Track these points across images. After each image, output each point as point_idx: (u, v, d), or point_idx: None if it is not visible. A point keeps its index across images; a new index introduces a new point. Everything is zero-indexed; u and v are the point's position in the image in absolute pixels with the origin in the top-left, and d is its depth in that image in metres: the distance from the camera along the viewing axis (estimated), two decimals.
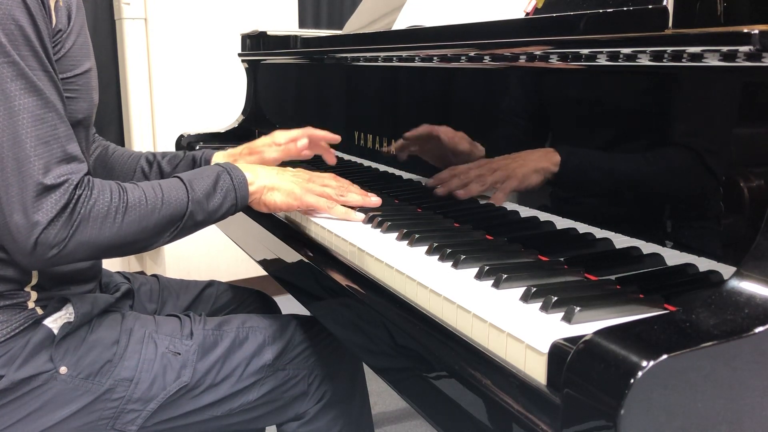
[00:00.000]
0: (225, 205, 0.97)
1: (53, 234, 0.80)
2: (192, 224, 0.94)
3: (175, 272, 2.57)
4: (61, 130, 0.83)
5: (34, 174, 0.79)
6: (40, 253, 0.81)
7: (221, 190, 0.96)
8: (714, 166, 0.67)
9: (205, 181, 0.95)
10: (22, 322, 0.91)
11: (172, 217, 0.91)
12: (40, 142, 0.80)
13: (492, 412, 0.60)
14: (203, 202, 0.94)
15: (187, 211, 0.92)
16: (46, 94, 0.82)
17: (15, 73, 0.79)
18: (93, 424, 0.93)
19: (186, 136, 1.78)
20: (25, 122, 0.79)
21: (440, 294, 0.71)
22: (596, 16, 0.75)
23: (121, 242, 0.86)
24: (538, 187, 0.90)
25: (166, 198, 0.90)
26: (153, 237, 0.90)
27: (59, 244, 0.81)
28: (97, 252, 0.86)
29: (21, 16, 0.79)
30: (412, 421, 1.97)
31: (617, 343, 0.49)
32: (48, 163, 0.80)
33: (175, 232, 0.92)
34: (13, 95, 0.79)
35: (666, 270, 0.72)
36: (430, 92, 1.15)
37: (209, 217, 0.96)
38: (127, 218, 0.86)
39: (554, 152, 0.87)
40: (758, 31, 0.57)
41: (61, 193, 0.81)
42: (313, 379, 1.09)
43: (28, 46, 0.80)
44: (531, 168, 0.90)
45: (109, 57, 2.65)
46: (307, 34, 1.76)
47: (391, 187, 1.20)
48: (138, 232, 0.88)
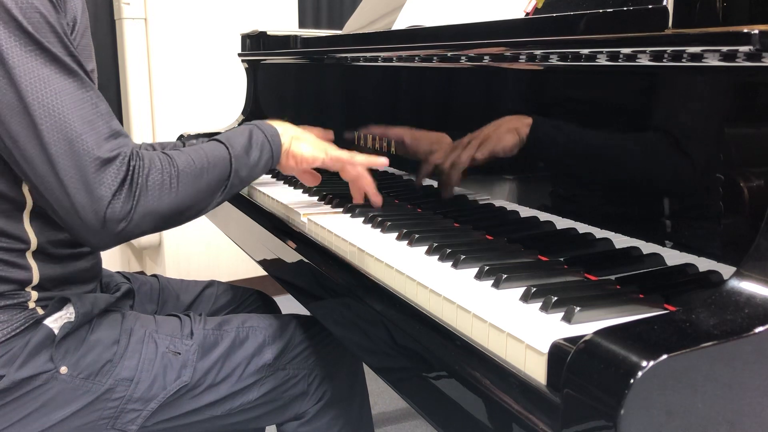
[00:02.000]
0: (263, 158, 1.00)
1: (119, 207, 0.82)
2: (238, 181, 0.97)
3: (175, 272, 2.57)
4: (102, 107, 0.84)
5: (89, 150, 0.80)
6: (110, 229, 0.82)
7: (257, 144, 1.00)
8: (714, 166, 0.67)
9: (241, 138, 0.99)
10: (23, 322, 0.91)
11: (220, 175, 0.94)
12: (85, 120, 0.81)
13: (492, 412, 0.60)
14: (244, 157, 0.97)
15: (232, 169, 0.95)
16: (81, 75, 0.83)
17: (48, 58, 0.80)
18: (93, 423, 0.93)
19: (186, 136, 1.78)
20: (68, 103, 0.80)
21: (440, 294, 0.71)
22: (596, 16, 0.75)
23: (180, 207, 0.88)
24: (516, 150, 0.91)
25: (211, 158, 0.93)
26: (207, 198, 0.93)
27: (126, 217, 0.82)
28: (160, 221, 0.87)
29: (42, 5, 0.80)
30: (412, 421, 1.97)
31: (617, 343, 0.49)
32: (98, 139, 0.81)
33: (225, 190, 0.95)
34: (51, 79, 0.80)
35: (666, 270, 0.72)
36: (430, 92, 1.15)
37: (251, 171, 0.99)
38: (181, 183, 0.88)
39: (526, 116, 0.89)
40: (758, 31, 0.57)
41: (118, 165, 0.82)
42: (313, 379, 1.09)
43: (53, 33, 0.81)
44: (504, 128, 0.92)
45: (109, 57, 2.65)
46: (307, 34, 1.76)
47: (391, 187, 1.20)
48: (193, 194, 0.90)
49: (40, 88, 0.79)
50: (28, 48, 0.79)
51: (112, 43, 2.65)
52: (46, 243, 0.92)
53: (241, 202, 1.33)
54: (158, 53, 2.54)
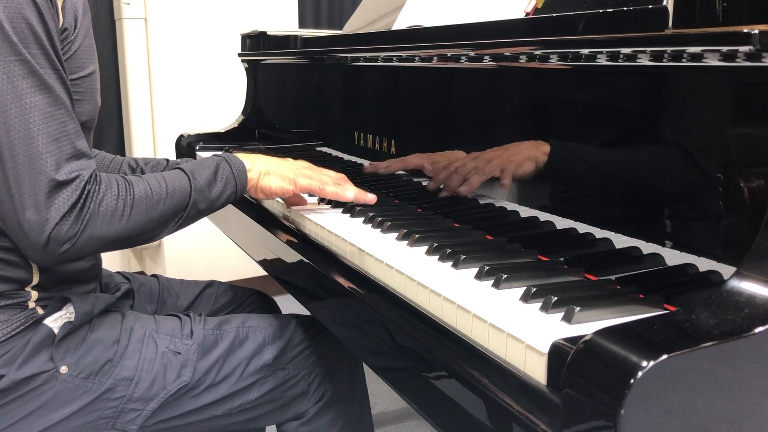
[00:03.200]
0: (226, 193, 0.99)
1: (65, 230, 0.81)
2: (195, 213, 0.96)
3: (175, 272, 2.57)
4: (70, 126, 0.84)
5: (46, 170, 0.80)
6: (52, 249, 0.82)
7: (221, 179, 0.99)
8: (714, 166, 0.67)
9: (206, 171, 0.98)
10: (23, 321, 0.91)
11: (176, 207, 0.93)
12: (51, 138, 0.81)
13: (492, 412, 0.60)
14: (205, 190, 0.96)
15: (190, 201, 0.94)
16: (56, 92, 0.83)
17: (26, 71, 0.80)
18: (93, 423, 0.93)
19: (186, 136, 1.78)
20: (36, 119, 0.80)
21: (440, 294, 0.71)
22: (596, 16, 0.75)
23: (129, 234, 0.88)
24: (531, 176, 0.91)
25: (170, 189, 0.92)
26: (159, 227, 0.92)
27: (71, 239, 0.82)
28: (106, 245, 0.87)
29: (31, 15, 0.80)
30: (412, 421, 1.97)
31: (617, 343, 0.49)
32: (59, 159, 0.81)
33: (180, 221, 0.95)
34: (24, 93, 0.80)
35: (666, 270, 0.72)
36: (430, 92, 1.15)
37: (211, 205, 0.98)
38: (134, 211, 0.88)
39: (543, 143, 0.88)
40: (758, 31, 0.57)
41: (73, 189, 0.82)
42: (313, 379, 1.09)
43: (37, 44, 0.81)
44: (524, 155, 0.91)
45: (109, 57, 2.65)
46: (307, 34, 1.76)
47: (391, 187, 1.20)
48: (145, 223, 0.89)
49: (11, 100, 0.79)
50: (9, 58, 0.79)
51: (112, 43, 2.65)
52: None
53: (241, 202, 1.33)
54: (158, 53, 2.54)
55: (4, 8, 0.78)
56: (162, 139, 2.57)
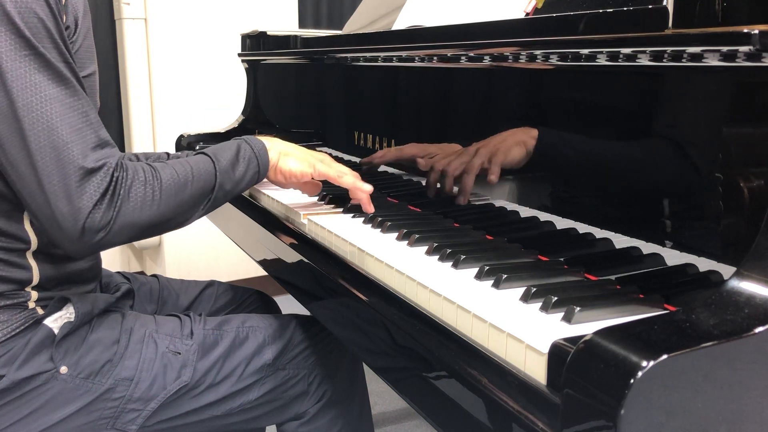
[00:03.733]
0: (249, 173, 1.00)
1: (99, 217, 0.82)
2: (222, 195, 0.97)
3: (175, 272, 2.57)
4: (92, 116, 0.84)
5: (74, 159, 0.80)
6: (88, 239, 0.82)
7: (244, 159, 1.00)
8: (714, 166, 0.67)
9: (228, 152, 0.99)
10: (23, 321, 0.91)
11: (203, 189, 0.94)
12: (73, 129, 0.81)
13: (492, 412, 0.60)
14: (229, 171, 0.97)
15: (216, 182, 0.95)
16: (73, 83, 0.83)
17: (41, 64, 0.80)
18: (93, 423, 0.93)
19: (186, 136, 1.78)
20: (57, 111, 0.80)
21: (440, 294, 0.71)
22: (596, 16, 0.75)
23: (160, 219, 0.88)
24: (522, 163, 0.91)
25: (196, 171, 0.93)
26: (189, 211, 0.93)
27: (105, 227, 0.82)
28: (140, 232, 0.87)
29: (41, 10, 0.80)
30: (412, 421, 1.97)
31: (617, 343, 0.49)
32: (84, 148, 0.82)
33: (208, 204, 0.95)
34: (43, 85, 0.80)
35: (666, 270, 0.72)
36: (430, 92, 1.15)
37: (236, 185, 0.99)
38: (163, 195, 0.88)
39: (532, 128, 0.89)
40: (758, 31, 0.57)
41: (102, 176, 0.82)
42: (313, 379, 1.09)
43: (50, 38, 0.81)
44: (511, 141, 0.91)
45: (109, 57, 2.65)
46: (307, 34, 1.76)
47: (391, 187, 1.20)
48: (175, 207, 0.90)
49: (31, 93, 0.79)
50: (23, 53, 0.79)
51: (112, 43, 2.65)
52: (46, 243, 0.92)
53: (241, 202, 1.33)
54: (158, 53, 2.54)
55: (14, 5, 0.78)
56: (162, 139, 2.57)
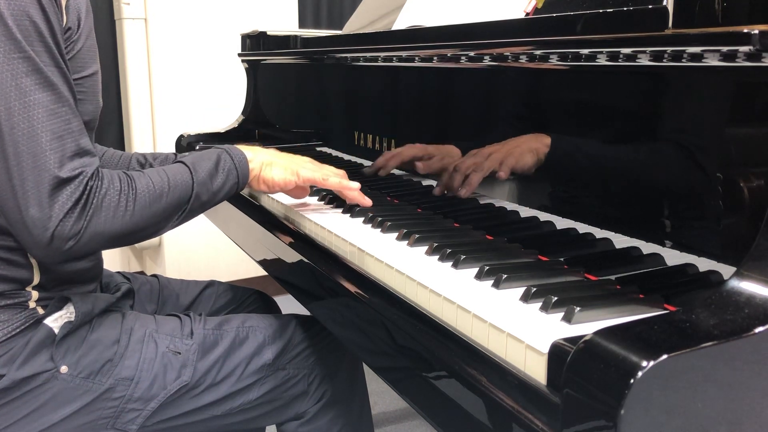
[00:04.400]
0: (228, 184, 1.00)
1: (69, 226, 0.81)
2: (198, 205, 0.96)
3: (175, 272, 2.57)
4: (74, 124, 0.84)
5: (49, 167, 0.80)
6: (57, 246, 0.82)
7: (223, 170, 0.99)
8: (714, 166, 0.67)
9: (207, 163, 0.98)
10: (23, 321, 0.91)
11: (179, 200, 0.93)
12: (54, 136, 0.81)
13: (492, 412, 0.60)
14: (207, 183, 0.96)
15: (192, 193, 0.94)
16: (60, 89, 0.83)
17: (29, 68, 0.80)
18: (93, 423, 0.93)
19: (186, 136, 1.78)
20: (40, 117, 0.80)
21: (440, 294, 0.71)
22: (596, 17, 0.75)
23: (132, 229, 0.88)
24: (533, 169, 0.90)
25: (172, 182, 0.92)
26: (162, 221, 0.92)
27: (75, 236, 0.82)
28: (110, 241, 0.87)
29: (35, 13, 0.80)
30: (412, 421, 1.97)
31: (617, 343, 0.49)
32: (62, 156, 0.81)
33: (183, 215, 0.95)
34: (28, 90, 0.80)
35: (666, 270, 0.72)
36: (430, 92, 1.15)
37: (213, 197, 0.98)
38: (137, 205, 0.88)
39: (544, 135, 0.88)
40: (758, 31, 0.57)
41: (76, 185, 0.82)
42: (313, 379, 1.09)
43: (41, 42, 0.81)
44: (524, 147, 0.91)
45: (109, 57, 2.65)
46: (307, 34, 1.76)
47: (391, 187, 1.20)
48: (148, 217, 0.89)
49: (14, 97, 0.79)
50: (13, 55, 0.79)
51: (112, 43, 2.65)
52: None
53: (241, 202, 1.33)
54: (158, 53, 2.54)
55: (8, 6, 0.78)
56: (162, 139, 2.57)
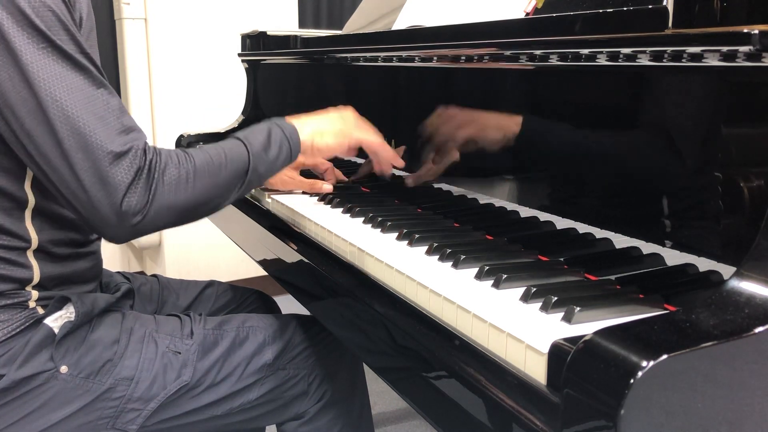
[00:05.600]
0: (282, 155, 1.01)
1: (135, 200, 0.82)
2: (256, 177, 0.97)
3: (175, 272, 2.57)
4: (113, 103, 0.85)
5: (102, 144, 0.81)
6: (126, 223, 0.82)
7: (276, 142, 1.00)
8: (714, 166, 0.67)
9: (260, 136, 0.99)
10: (23, 321, 0.91)
11: (237, 171, 0.94)
12: (96, 116, 0.82)
13: (492, 412, 0.60)
14: (262, 154, 0.98)
15: (250, 165, 0.95)
16: (93, 72, 0.83)
17: (60, 55, 0.81)
18: (93, 423, 0.93)
19: (186, 136, 1.78)
20: (80, 99, 0.81)
21: (440, 294, 0.71)
22: (596, 16, 0.75)
23: (196, 202, 0.89)
24: (498, 146, 0.92)
25: (229, 155, 0.93)
26: (224, 194, 0.93)
27: (142, 210, 0.83)
28: (177, 215, 0.88)
29: (54, 4, 0.81)
30: (412, 421, 1.97)
31: (617, 343, 0.49)
32: (110, 133, 0.82)
33: (243, 187, 0.96)
34: (64, 76, 0.81)
35: (666, 270, 0.72)
36: (430, 92, 1.15)
37: (270, 168, 1.00)
38: (197, 177, 0.88)
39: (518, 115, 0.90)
40: (758, 31, 0.57)
41: (131, 158, 0.83)
42: (313, 379, 1.09)
43: (65, 30, 0.82)
44: (493, 122, 0.93)
45: (109, 57, 2.65)
46: (307, 34, 1.76)
47: (391, 187, 1.20)
48: (210, 189, 0.90)
49: (53, 84, 0.80)
50: (41, 45, 0.80)
51: (112, 43, 2.65)
52: (46, 242, 0.92)
53: (241, 203, 1.33)
54: (158, 53, 2.54)
55: (28, 0, 0.79)
56: (162, 139, 2.57)
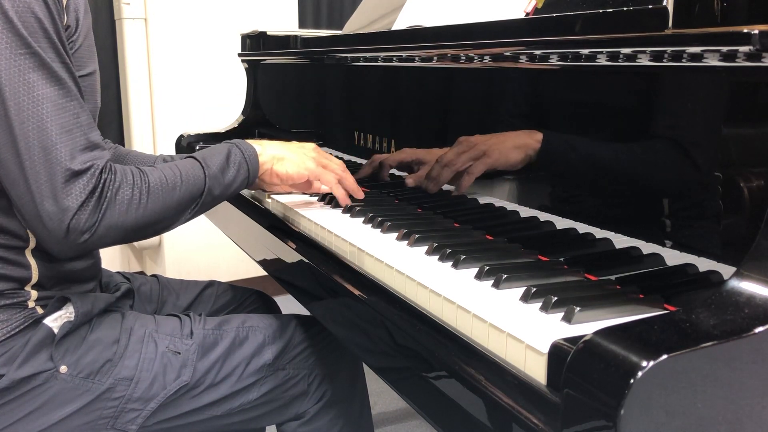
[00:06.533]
0: (239, 178, 1.00)
1: (84, 219, 0.82)
2: (210, 199, 0.97)
3: (175, 272, 2.57)
4: (83, 118, 0.84)
5: (61, 160, 0.81)
6: (73, 239, 0.82)
7: (234, 164, 1.00)
8: (714, 166, 0.67)
9: (218, 157, 0.99)
10: (23, 321, 0.91)
11: (191, 194, 0.94)
12: (63, 130, 0.81)
13: (492, 412, 0.60)
14: (219, 176, 0.97)
15: (205, 187, 0.95)
16: (67, 84, 0.83)
17: (36, 63, 0.80)
18: (93, 423, 0.93)
19: (186, 136, 1.78)
20: (49, 111, 0.81)
21: (440, 294, 0.71)
22: (596, 17, 0.75)
23: (146, 222, 0.88)
24: (521, 166, 0.91)
25: (185, 176, 0.93)
26: (176, 215, 0.93)
27: (90, 229, 0.83)
28: (125, 234, 0.87)
29: (39, 10, 0.81)
30: (412, 421, 1.97)
31: (617, 343, 0.49)
32: (73, 149, 0.82)
33: (196, 208, 0.95)
34: (36, 85, 0.80)
35: (666, 270, 0.72)
36: (430, 92, 1.15)
37: (225, 190, 0.99)
38: (151, 199, 0.88)
39: (537, 132, 0.88)
40: (758, 31, 0.57)
41: (89, 177, 0.82)
42: (313, 379, 1.09)
43: (46, 38, 0.82)
44: (510, 144, 0.91)
45: (109, 57, 2.65)
46: (307, 34, 1.76)
47: (391, 187, 1.20)
48: (162, 211, 0.90)
49: (23, 93, 0.79)
50: (19, 51, 0.79)
51: (112, 43, 2.65)
52: None
53: (241, 202, 1.33)
54: (158, 53, 2.54)
55: (12, 3, 0.79)
56: (162, 139, 2.57)
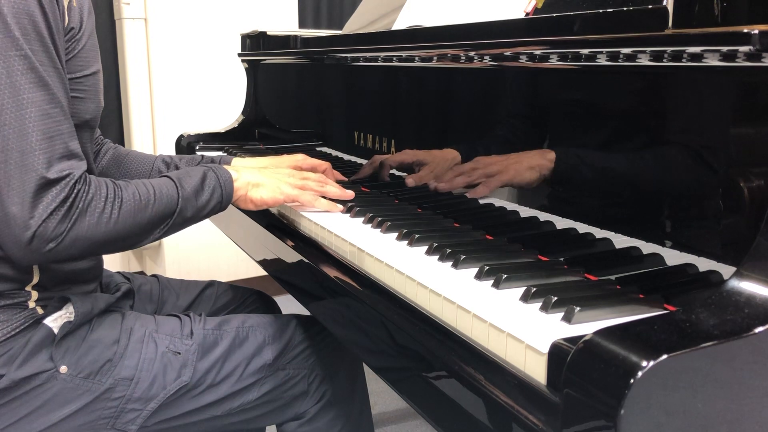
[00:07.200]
0: (212, 202, 1.00)
1: (51, 228, 0.81)
2: (181, 221, 0.96)
3: (175, 272, 2.57)
4: (65, 126, 0.84)
5: (37, 167, 0.80)
6: (36, 247, 0.81)
7: (208, 188, 0.99)
8: (714, 166, 0.67)
9: (194, 180, 0.98)
10: (23, 321, 0.91)
11: (163, 213, 0.93)
12: (45, 136, 0.81)
13: (492, 411, 0.60)
14: (192, 198, 0.96)
15: (177, 208, 0.94)
16: (54, 90, 0.83)
17: (26, 66, 0.80)
18: (93, 423, 0.93)
19: (186, 136, 1.78)
20: (32, 116, 0.80)
21: (440, 294, 0.71)
22: (596, 17, 0.75)
23: (115, 237, 0.88)
24: (535, 184, 0.90)
25: (158, 194, 0.92)
26: (145, 233, 0.92)
27: (56, 238, 0.82)
28: (92, 247, 0.86)
29: (36, 12, 0.81)
30: (412, 421, 1.97)
31: (617, 343, 0.49)
32: (51, 157, 0.81)
33: (166, 228, 0.94)
34: (23, 88, 0.80)
35: (666, 270, 0.72)
36: (430, 92, 1.15)
37: (197, 213, 0.98)
38: (122, 214, 0.87)
39: (550, 151, 0.88)
40: (758, 31, 0.57)
41: (61, 187, 0.82)
42: (313, 379, 1.09)
43: (40, 41, 0.81)
44: (525, 165, 0.91)
45: (109, 57, 2.64)
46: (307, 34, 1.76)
47: (391, 187, 1.20)
48: (131, 227, 0.89)
49: (8, 95, 0.79)
50: (9, 53, 0.79)
51: (112, 43, 2.65)
52: None
53: None
54: (158, 53, 2.54)
55: (9, 4, 0.78)
56: (162, 139, 2.57)
